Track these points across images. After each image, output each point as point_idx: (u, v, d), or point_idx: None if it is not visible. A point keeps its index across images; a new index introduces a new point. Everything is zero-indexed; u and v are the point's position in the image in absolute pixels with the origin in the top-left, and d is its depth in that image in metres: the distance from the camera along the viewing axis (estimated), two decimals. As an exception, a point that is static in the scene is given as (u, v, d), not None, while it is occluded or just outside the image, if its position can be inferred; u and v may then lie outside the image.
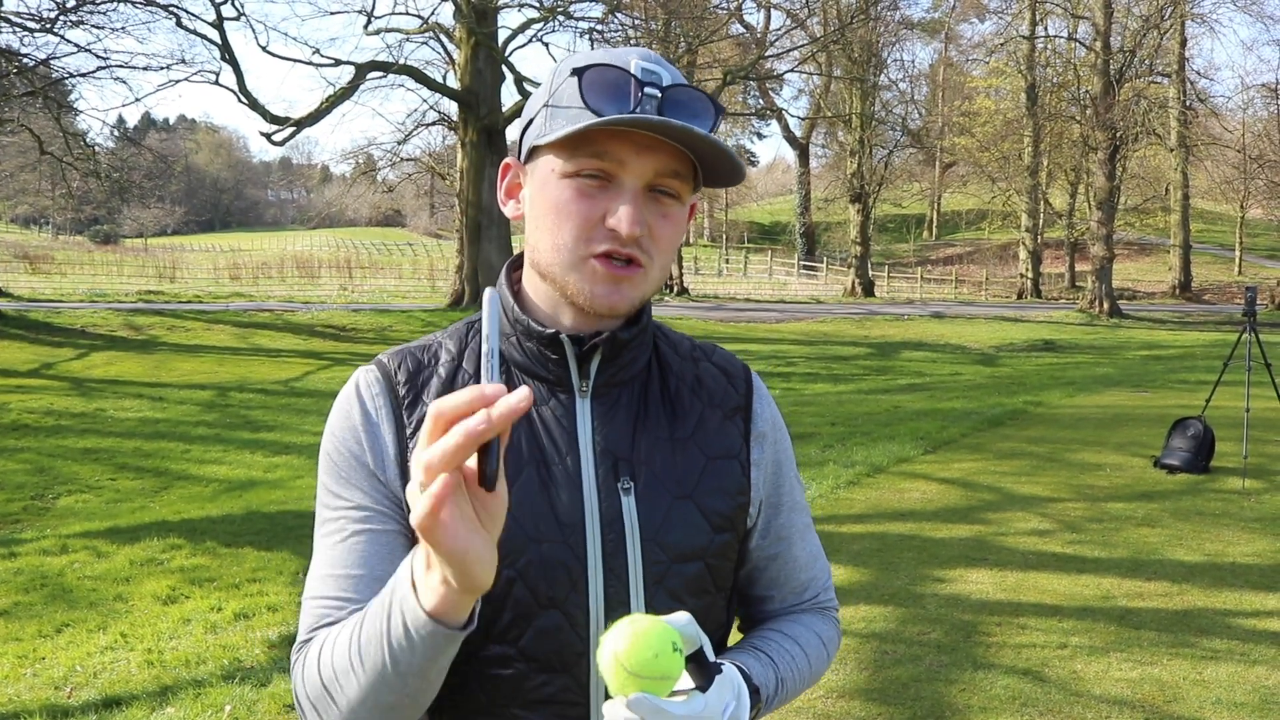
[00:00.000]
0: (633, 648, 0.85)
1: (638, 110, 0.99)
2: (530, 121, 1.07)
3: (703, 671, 0.91)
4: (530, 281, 1.11)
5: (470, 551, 0.78)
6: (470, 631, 0.87)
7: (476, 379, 1.09)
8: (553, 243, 1.03)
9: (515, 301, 1.10)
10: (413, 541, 1.05)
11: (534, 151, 1.06)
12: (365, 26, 23.56)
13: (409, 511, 0.87)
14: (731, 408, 1.16)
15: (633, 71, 1.01)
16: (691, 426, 1.12)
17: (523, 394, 0.75)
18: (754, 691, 1.02)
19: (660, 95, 1.00)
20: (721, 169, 1.05)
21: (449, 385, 1.08)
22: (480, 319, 1.12)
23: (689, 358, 1.18)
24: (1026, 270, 38.22)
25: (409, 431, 1.06)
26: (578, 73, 1.00)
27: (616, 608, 1.04)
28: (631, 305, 1.05)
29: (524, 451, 1.06)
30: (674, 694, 0.89)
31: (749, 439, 1.16)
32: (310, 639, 1.02)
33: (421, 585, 0.84)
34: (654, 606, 1.05)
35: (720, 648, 1.14)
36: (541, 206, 1.05)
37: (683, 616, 0.91)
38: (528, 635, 1.03)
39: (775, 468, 1.19)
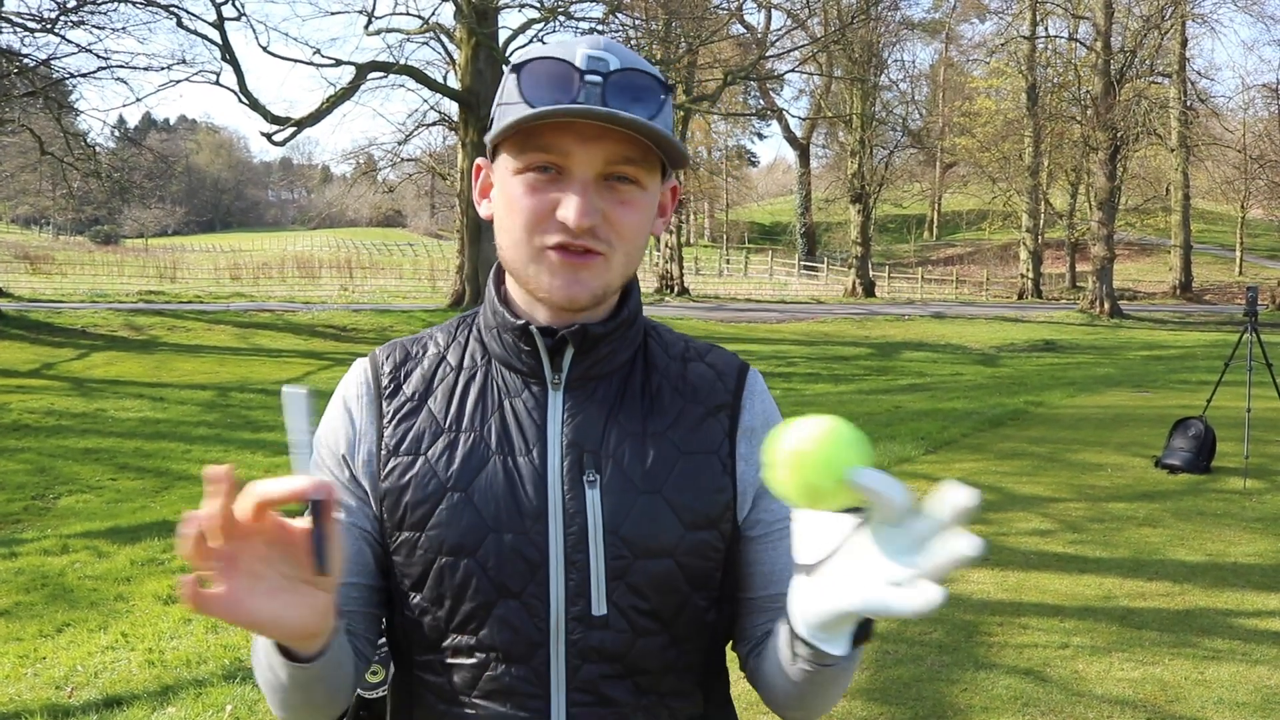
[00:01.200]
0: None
1: (579, 99, 0.97)
2: (491, 121, 1.07)
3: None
4: (509, 278, 1.12)
5: (265, 616, 0.86)
6: (319, 663, 0.94)
7: (458, 373, 1.12)
8: (509, 239, 1.04)
9: (498, 295, 1.11)
10: (368, 532, 1.10)
11: (494, 152, 1.07)
12: (366, 27, 23.54)
13: (374, 500, 1.08)
14: (716, 404, 1.12)
15: (575, 62, 0.99)
16: (668, 422, 1.09)
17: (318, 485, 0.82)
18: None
19: (603, 81, 0.98)
20: (668, 151, 1.03)
21: (429, 376, 1.12)
22: (474, 313, 1.17)
23: (679, 358, 1.15)
24: (1027, 270, 38.20)
25: (385, 420, 1.10)
26: (516, 69, 1.00)
27: (576, 600, 1.03)
28: (593, 295, 1.03)
29: (491, 443, 1.06)
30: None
31: (734, 434, 1.11)
32: None
33: None
34: (615, 601, 1.03)
35: (710, 657, 1.11)
36: (500, 205, 1.05)
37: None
38: (487, 625, 1.04)
39: None
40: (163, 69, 22.03)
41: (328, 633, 0.92)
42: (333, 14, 26.44)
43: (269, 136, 22.47)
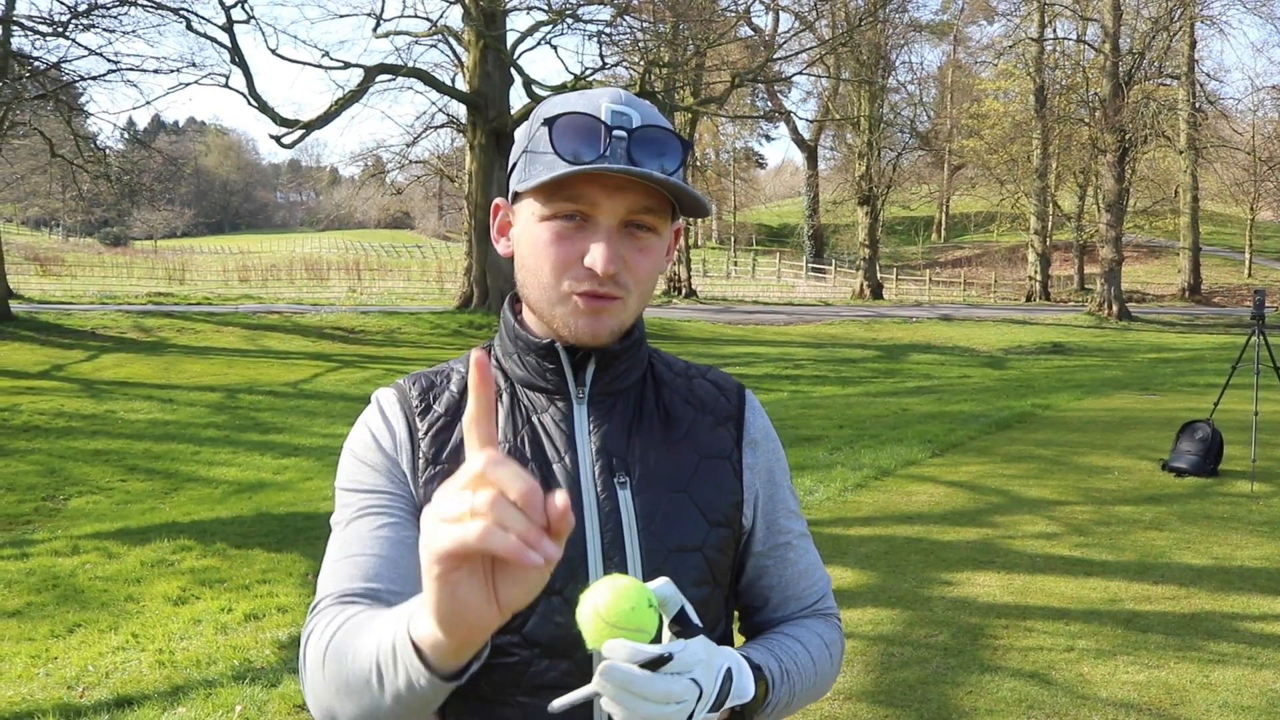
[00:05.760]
0: (611, 600, 0.91)
1: (606, 152, 1.05)
2: (514, 165, 1.15)
3: (686, 630, 0.96)
4: (525, 309, 1.20)
5: (467, 608, 0.78)
6: (452, 684, 0.86)
7: None
8: (536, 282, 1.11)
9: (516, 323, 1.18)
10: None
11: (518, 194, 1.13)
12: (374, 29, 23.59)
13: (418, 502, 1.10)
14: (723, 415, 1.23)
15: (602, 117, 1.07)
16: (684, 431, 1.19)
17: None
18: (756, 668, 1.06)
19: (628, 136, 1.06)
20: (688, 202, 1.11)
21: (459, 399, 1.17)
22: (488, 344, 1.24)
23: (683, 375, 1.26)
24: (1035, 273, 38.11)
25: (420, 434, 1.15)
26: (548, 122, 1.07)
27: None
28: (611, 334, 1.12)
29: (526, 454, 1.13)
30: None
31: (741, 444, 1.22)
32: (323, 613, 1.03)
33: (415, 625, 0.84)
34: None
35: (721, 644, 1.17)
36: (525, 247, 1.12)
37: (660, 580, 0.96)
38: (531, 622, 1.08)
39: (769, 474, 1.24)
40: (172, 72, 21.95)
41: (474, 653, 0.85)
42: (341, 17, 26.54)
43: (278, 139, 22.53)
